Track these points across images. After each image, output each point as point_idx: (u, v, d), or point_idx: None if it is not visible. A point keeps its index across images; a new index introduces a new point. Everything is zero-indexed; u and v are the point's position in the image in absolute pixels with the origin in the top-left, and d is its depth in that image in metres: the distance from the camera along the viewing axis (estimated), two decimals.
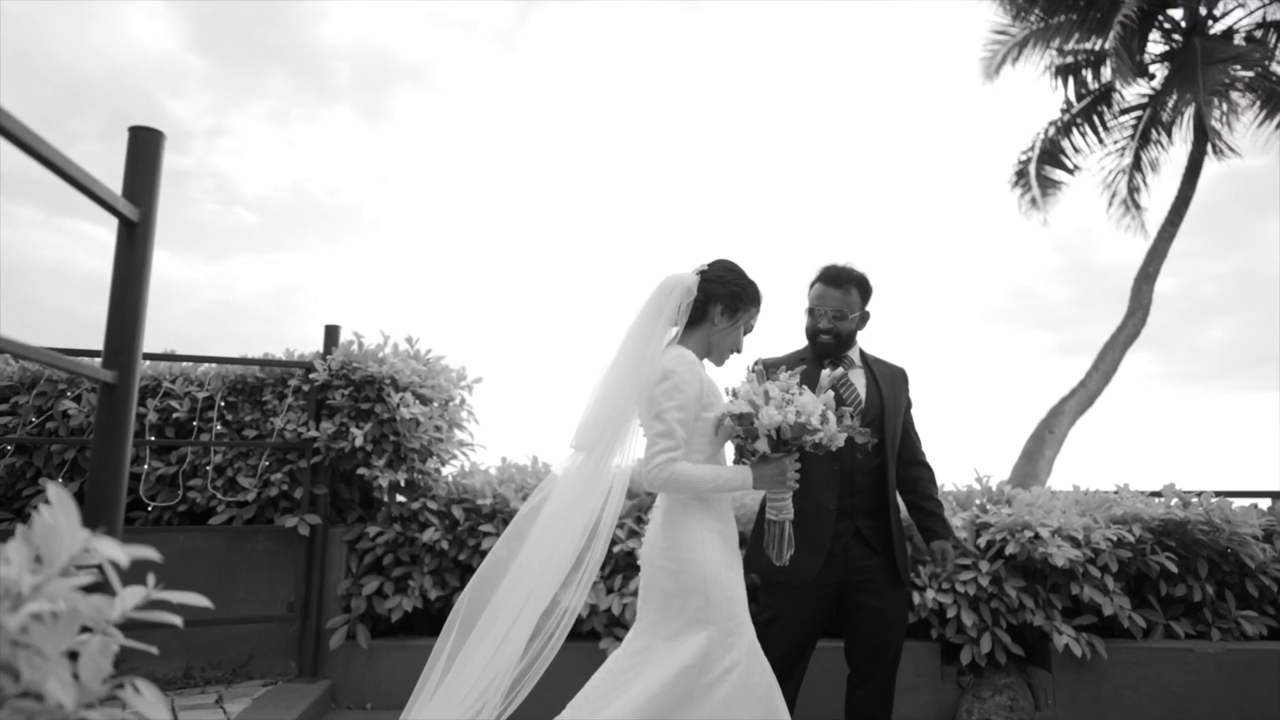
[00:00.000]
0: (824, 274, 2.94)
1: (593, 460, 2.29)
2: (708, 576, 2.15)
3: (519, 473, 4.36)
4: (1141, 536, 4.09)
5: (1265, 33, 13.81)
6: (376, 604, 3.95)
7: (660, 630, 2.19)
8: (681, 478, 2.14)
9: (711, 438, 2.26)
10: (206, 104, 37.36)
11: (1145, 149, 15.41)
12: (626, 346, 2.30)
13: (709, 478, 2.17)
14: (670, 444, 2.15)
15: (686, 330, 2.34)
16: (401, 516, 4.07)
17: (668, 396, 2.17)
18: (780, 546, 2.30)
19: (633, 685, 2.12)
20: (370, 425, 4.01)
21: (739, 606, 2.18)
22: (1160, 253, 13.76)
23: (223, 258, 40.00)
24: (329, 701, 3.80)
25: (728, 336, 2.39)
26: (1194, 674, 3.89)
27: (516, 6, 38.42)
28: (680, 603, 2.15)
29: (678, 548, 2.19)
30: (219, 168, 36.33)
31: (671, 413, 2.16)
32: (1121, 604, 3.94)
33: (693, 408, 2.20)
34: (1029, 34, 14.66)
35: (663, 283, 2.35)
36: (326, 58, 36.21)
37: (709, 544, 2.19)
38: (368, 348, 4.23)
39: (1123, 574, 4.09)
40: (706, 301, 2.34)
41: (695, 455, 2.23)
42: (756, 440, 2.18)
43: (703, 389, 2.24)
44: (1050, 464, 11.77)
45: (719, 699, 2.06)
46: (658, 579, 2.22)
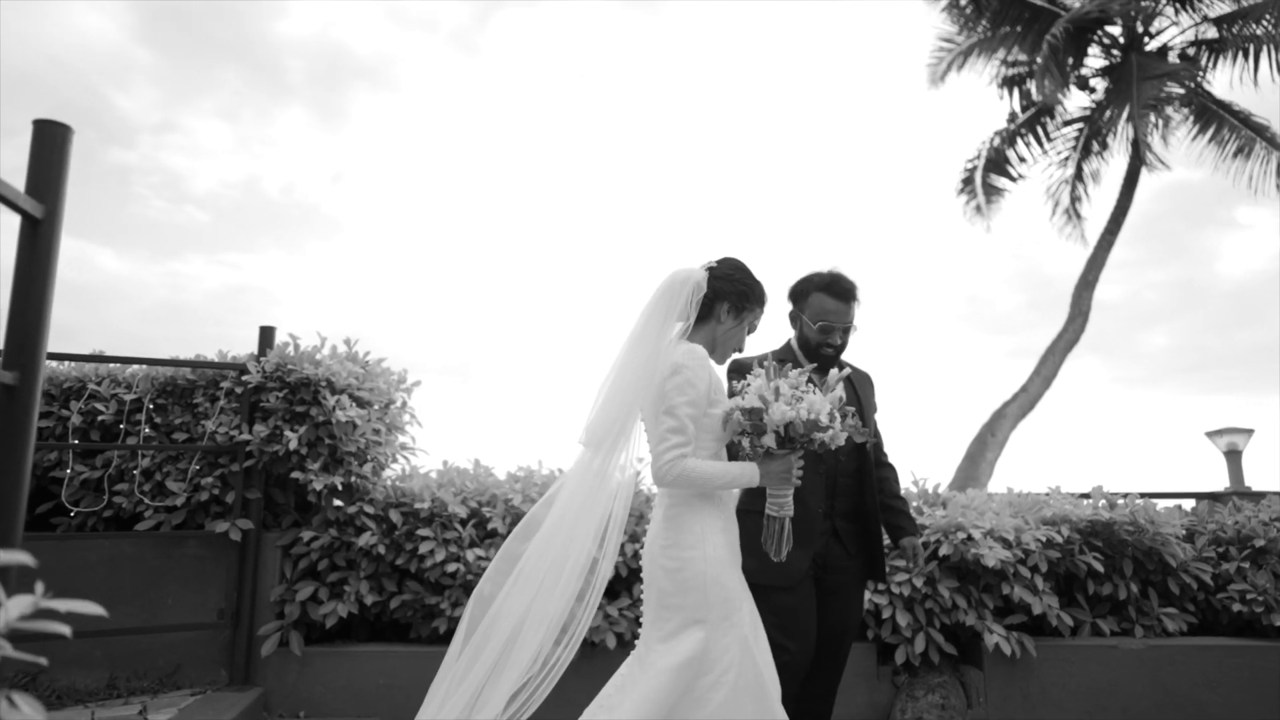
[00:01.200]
0: (831, 288, 2.87)
1: (601, 457, 2.26)
2: (707, 575, 2.13)
3: (459, 476, 4.31)
4: (1070, 537, 4.20)
5: (1198, 50, 14.33)
6: (311, 610, 3.88)
7: (655, 631, 2.18)
8: (692, 474, 2.13)
9: (718, 434, 2.26)
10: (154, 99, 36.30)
11: (1086, 160, 15.90)
12: (637, 341, 2.27)
13: (718, 474, 2.17)
14: (682, 439, 2.14)
15: (693, 327, 2.34)
16: (338, 521, 4.00)
17: (679, 391, 2.16)
18: (779, 543, 2.30)
19: (633, 689, 2.10)
20: (305, 428, 3.93)
21: (735, 606, 2.16)
22: (1099, 261, 14.19)
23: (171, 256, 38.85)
24: (260, 710, 3.72)
25: (732, 334, 2.39)
26: (1117, 670, 4.01)
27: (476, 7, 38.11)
28: (677, 601, 2.14)
29: (678, 545, 2.18)
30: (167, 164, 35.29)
31: (683, 408, 2.15)
32: (1050, 603, 4.05)
33: (702, 403, 2.19)
34: (974, 44, 15.02)
35: (671, 277, 2.33)
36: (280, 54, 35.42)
37: (710, 541, 2.18)
38: (304, 349, 4.15)
39: (1052, 574, 4.20)
40: (714, 299, 2.34)
41: (701, 451, 2.22)
42: (764, 436, 2.17)
43: (711, 385, 2.23)
44: (992, 466, 12.05)
45: (720, 700, 2.05)
46: (656, 578, 2.21)
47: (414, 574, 4.00)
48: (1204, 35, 14.31)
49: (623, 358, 2.28)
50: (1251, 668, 4.04)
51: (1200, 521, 4.68)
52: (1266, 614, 4.14)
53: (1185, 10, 14.20)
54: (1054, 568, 4.19)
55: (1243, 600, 4.21)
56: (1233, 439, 9.98)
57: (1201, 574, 4.30)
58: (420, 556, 3.92)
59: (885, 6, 38.62)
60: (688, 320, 2.32)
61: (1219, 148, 14.73)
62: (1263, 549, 4.37)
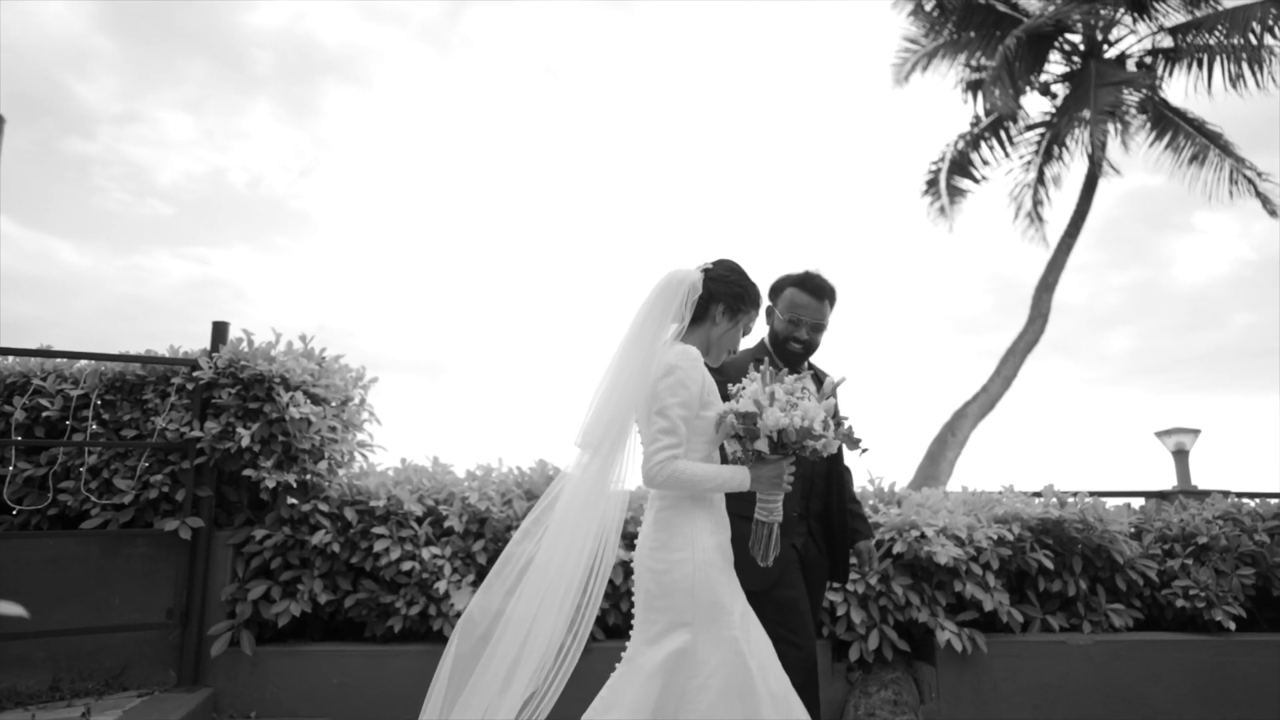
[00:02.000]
0: (804, 283, 2.88)
1: (599, 461, 2.24)
2: (694, 578, 2.12)
3: (416, 474, 4.28)
4: (1021, 535, 4.28)
5: (1155, 59, 14.66)
6: (263, 609, 3.82)
7: (642, 634, 2.17)
8: (682, 475, 2.12)
9: (710, 437, 2.24)
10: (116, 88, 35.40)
11: (1048, 165, 16.19)
12: (632, 343, 2.26)
13: (709, 476, 2.15)
14: (673, 440, 2.13)
15: (686, 328, 2.33)
16: (291, 519, 3.94)
17: (672, 392, 2.14)
18: (766, 548, 2.28)
19: (624, 692, 2.09)
20: (259, 425, 3.87)
21: (724, 609, 2.15)
22: (1059, 264, 14.46)
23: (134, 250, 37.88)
24: (210, 711, 3.66)
25: (727, 336, 2.38)
26: (1066, 665, 4.10)
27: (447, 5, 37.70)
28: (663, 604, 2.13)
29: (667, 548, 2.17)
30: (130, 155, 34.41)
31: (675, 409, 2.14)
32: (1001, 600, 4.12)
33: (695, 405, 2.18)
34: (938, 46, 15.23)
35: (667, 278, 2.32)
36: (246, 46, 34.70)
37: (700, 544, 2.16)
38: (258, 346, 4.09)
39: (1004, 571, 4.28)
40: (709, 300, 2.33)
41: (692, 454, 2.21)
42: (756, 440, 2.17)
43: (704, 387, 2.22)
44: (952, 466, 12.24)
45: (708, 703, 2.04)
46: (644, 580, 2.20)
47: (369, 572, 3.97)
48: (1160, 44, 14.65)
49: (618, 360, 2.27)
50: (1193, 661, 4.15)
51: (1148, 520, 4.80)
52: (1208, 609, 4.26)
53: (1143, 19, 14.52)
54: (1005, 565, 4.26)
55: (1186, 596, 4.32)
56: (1180, 439, 10.24)
57: (1147, 571, 4.40)
58: (375, 555, 3.88)
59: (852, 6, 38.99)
60: (682, 322, 2.31)
61: (1175, 154, 15.09)
62: (1205, 546, 4.49)
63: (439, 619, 3.83)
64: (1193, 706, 4.08)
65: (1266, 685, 4.15)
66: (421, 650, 3.85)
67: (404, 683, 3.81)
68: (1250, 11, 12.56)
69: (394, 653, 3.86)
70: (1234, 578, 4.38)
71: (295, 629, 4.05)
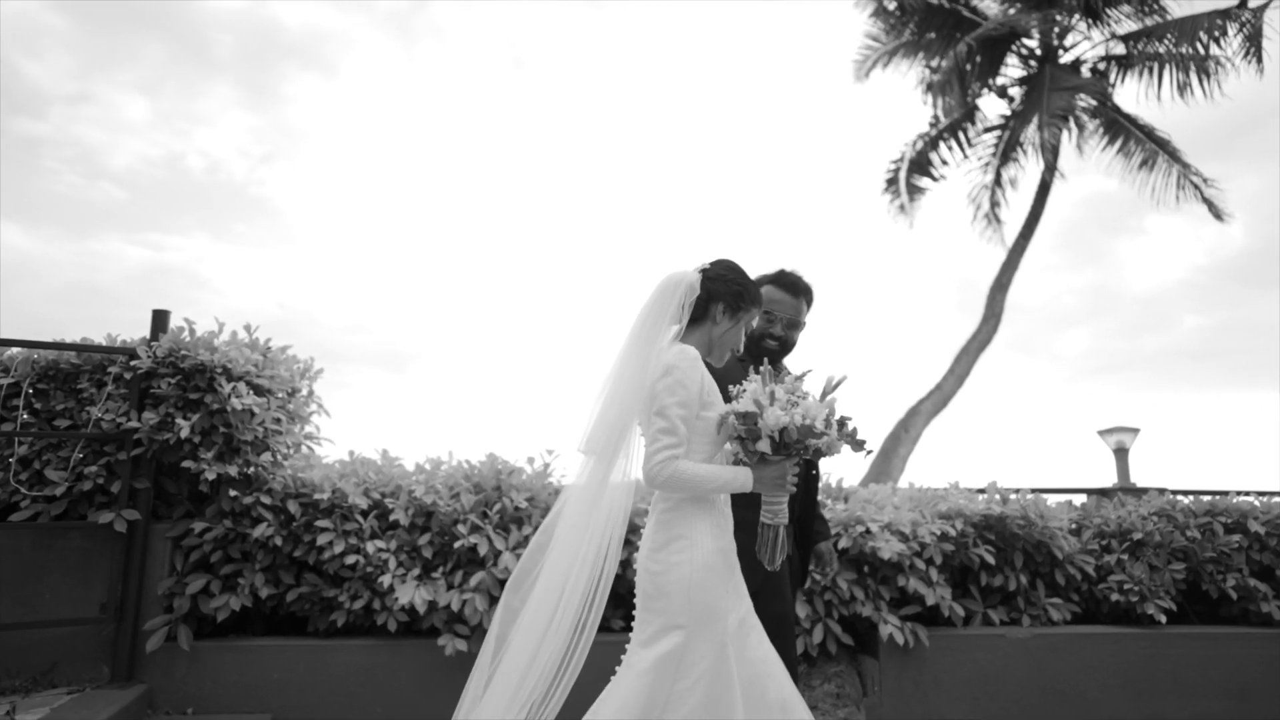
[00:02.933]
0: (779, 279, 2.89)
1: (604, 466, 2.23)
2: (690, 580, 2.11)
3: (363, 467, 4.23)
4: (964, 530, 4.36)
5: (1108, 65, 14.99)
6: (202, 604, 3.74)
7: (638, 635, 2.17)
8: (683, 476, 2.11)
9: (711, 437, 2.22)
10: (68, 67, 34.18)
11: (1005, 167, 16.49)
12: (631, 346, 2.25)
13: (710, 477, 2.14)
14: (673, 440, 2.11)
15: (687, 329, 2.32)
16: (233, 512, 3.86)
17: (670, 392, 2.13)
18: (773, 551, 2.25)
19: (613, 695, 2.09)
20: (199, 416, 3.78)
21: (719, 613, 2.13)
22: (1012, 264, 14.75)
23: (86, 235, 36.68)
24: (144, 708, 3.58)
25: (729, 336, 2.37)
26: (1005, 657, 4.18)
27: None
28: (659, 605, 2.12)
29: (666, 549, 2.16)
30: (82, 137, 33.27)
31: (674, 409, 2.12)
32: (943, 594, 4.19)
33: (694, 405, 2.16)
34: (899, 45, 15.41)
35: (665, 280, 2.31)
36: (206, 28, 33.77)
37: (700, 547, 2.15)
38: (200, 335, 4.00)
39: (947, 565, 4.35)
40: (709, 300, 2.32)
41: (694, 455, 2.19)
42: (758, 441, 2.15)
43: (704, 387, 2.20)
44: (904, 462, 12.44)
45: (693, 705, 2.03)
46: (643, 581, 2.19)
47: (312, 566, 3.91)
48: (1113, 51, 14.99)
49: (618, 364, 2.26)
50: (1125, 654, 4.26)
51: (1087, 516, 4.92)
52: (1141, 603, 4.38)
53: (1096, 26, 14.84)
54: (949, 560, 4.34)
55: (1120, 590, 4.44)
56: (1121, 438, 10.54)
57: (1085, 566, 4.52)
58: (319, 548, 3.82)
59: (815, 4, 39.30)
60: (681, 323, 2.31)
61: (1126, 159, 15.48)
62: (1140, 542, 4.62)
63: (383, 613, 3.78)
64: (1123, 697, 4.20)
65: (1193, 676, 4.28)
66: (365, 645, 3.81)
67: (346, 677, 3.76)
68: (1198, 22, 12.90)
69: (337, 647, 3.81)
70: (1166, 572, 4.52)
71: (235, 624, 3.97)
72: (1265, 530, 4.66)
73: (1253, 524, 4.64)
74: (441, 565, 3.92)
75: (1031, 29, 14.62)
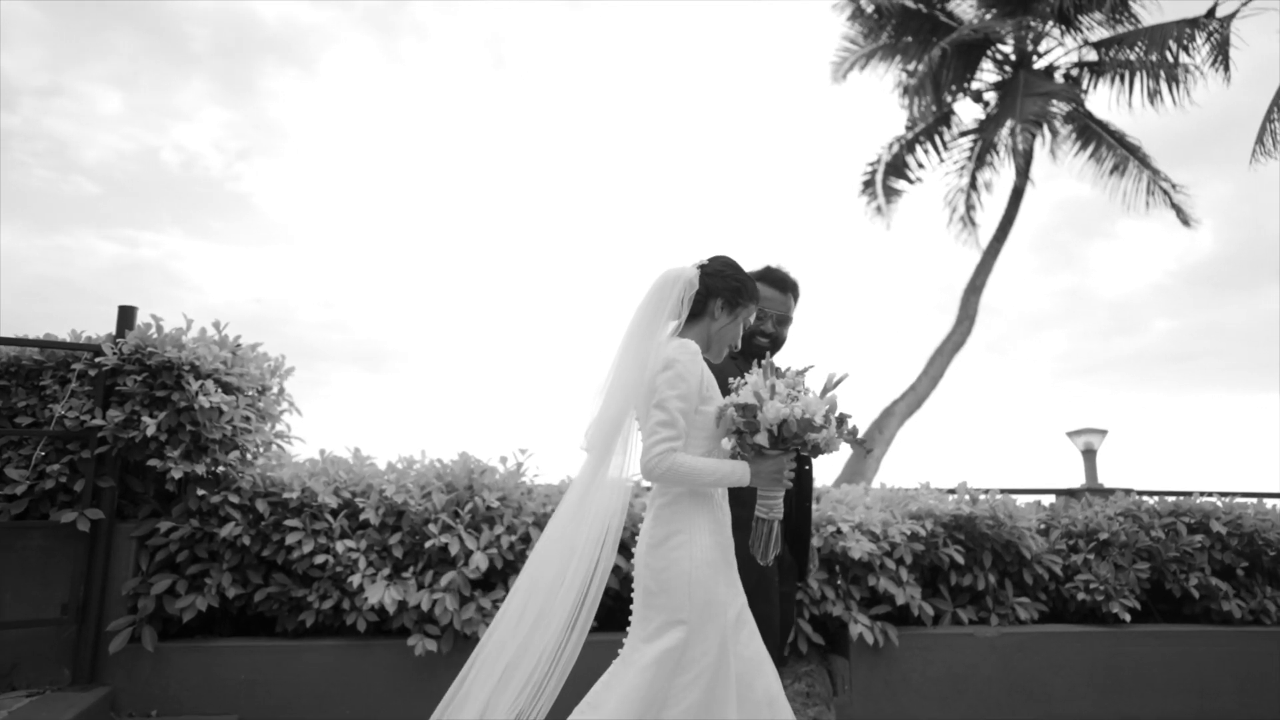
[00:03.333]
0: (767, 275, 2.91)
1: (601, 460, 2.25)
2: (691, 576, 2.12)
3: (334, 466, 4.19)
4: (934, 530, 4.40)
5: (1080, 72, 15.20)
6: (168, 604, 3.69)
7: (639, 630, 2.17)
8: (681, 468, 2.11)
9: (709, 432, 2.24)
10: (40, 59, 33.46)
11: (980, 170, 16.67)
12: (629, 341, 2.26)
13: (708, 470, 2.15)
14: (671, 433, 2.12)
15: (685, 325, 2.32)
16: (200, 511, 3.82)
17: (670, 385, 2.14)
18: (766, 546, 2.26)
19: (614, 690, 2.08)
20: (166, 414, 3.73)
21: (719, 608, 2.14)
22: (986, 267, 14.92)
23: (57, 229, 35.93)
24: (106, 710, 3.52)
25: (727, 331, 2.38)
26: (973, 656, 4.23)
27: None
28: (661, 601, 2.13)
29: (665, 545, 2.17)
30: (54, 130, 32.56)
31: (673, 402, 2.13)
32: (913, 594, 4.23)
33: (693, 399, 2.17)
34: (876, 48, 15.54)
35: (663, 276, 2.32)
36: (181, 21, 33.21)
37: (698, 542, 2.16)
38: (167, 331, 3.94)
39: (917, 565, 4.39)
40: (707, 296, 2.33)
41: (692, 449, 2.20)
42: (757, 434, 2.15)
43: (704, 381, 2.21)
44: (878, 462, 12.55)
45: (693, 701, 2.04)
46: (643, 576, 2.20)
47: (280, 566, 3.87)
48: (1086, 58, 15.20)
49: (618, 359, 2.28)
50: (1090, 652, 4.33)
51: (1055, 516, 4.98)
52: (1106, 602, 4.44)
53: (1069, 33, 15.04)
54: (919, 560, 4.38)
55: (1087, 590, 4.50)
56: (1089, 439, 10.74)
57: (1053, 565, 4.58)
58: (288, 548, 3.78)
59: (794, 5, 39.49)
60: (680, 319, 2.31)
61: (1098, 164, 15.71)
62: (1106, 542, 4.69)
63: (352, 613, 3.75)
64: (1088, 695, 4.26)
65: (1155, 674, 4.36)
66: (334, 645, 3.78)
67: (315, 678, 3.72)
68: (1167, 30, 13.12)
69: (305, 648, 3.77)
70: (1131, 572, 4.59)
71: (202, 624, 3.92)
72: (1227, 530, 4.75)
73: (1215, 524, 4.72)
74: (412, 565, 3.89)
75: (1006, 35, 14.80)
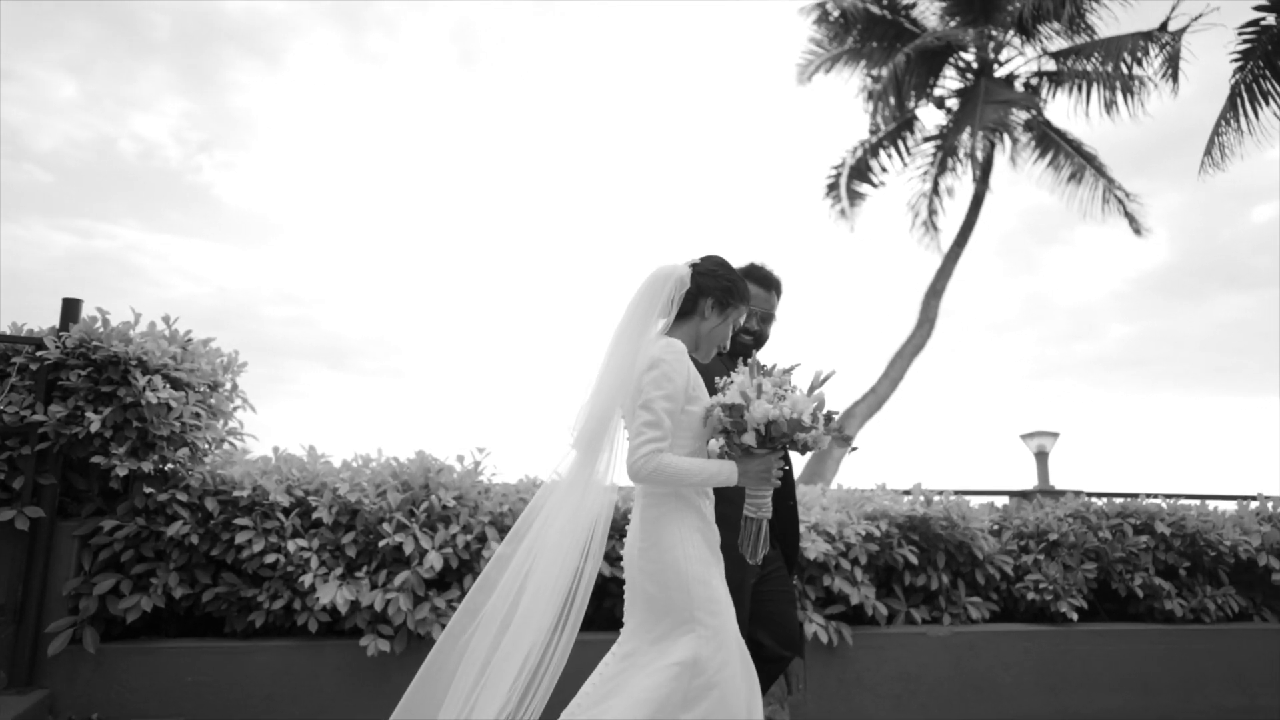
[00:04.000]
0: (750, 273, 2.92)
1: (588, 460, 2.23)
2: (689, 574, 2.11)
3: (287, 464, 4.12)
4: (889, 531, 4.45)
5: (1040, 81, 15.51)
6: (111, 604, 3.60)
7: (644, 634, 2.14)
8: (667, 469, 2.09)
9: (696, 432, 2.22)
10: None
11: (942, 176, 16.92)
12: (618, 340, 2.24)
13: (695, 470, 2.13)
14: (658, 434, 2.10)
15: (674, 323, 2.30)
16: (146, 509, 3.73)
17: (656, 385, 2.12)
18: (755, 545, 2.25)
19: (622, 691, 2.06)
20: (111, 410, 3.64)
21: (723, 605, 2.14)
22: (946, 272, 15.15)
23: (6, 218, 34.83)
24: (44, 714, 3.42)
25: (717, 331, 2.36)
26: (926, 655, 4.29)
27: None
28: (664, 605, 2.11)
29: (657, 547, 2.15)
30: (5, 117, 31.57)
31: (659, 402, 2.11)
32: (868, 594, 4.28)
33: (680, 399, 2.15)
34: (842, 52, 15.70)
35: (654, 274, 2.30)
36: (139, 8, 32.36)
37: (689, 541, 2.15)
38: (114, 325, 3.84)
39: (872, 565, 4.44)
40: (698, 295, 2.31)
41: (679, 449, 2.18)
42: (744, 433, 2.13)
43: (690, 380, 2.19)
44: (838, 464, 12.66)
45: (713, 701, 2.03)
46: (639, 581, 2.18)
47: (230, 565, 3.79)
48: (1045, 68, 15.50)
49: (607, 357, 2.25)
50: (1039, 650, 4.42)
51: (1007, 517, 5.08)
52: (1055, 601, 4.54)
53: (1029, 43, 15.33)
54: (874, 560, 4.43)
55: (1036, 589, 4.59)
56: (1041, 441, 10.98)
57: (1004, 566, 4.66)
58: (238, 547, 3.71)
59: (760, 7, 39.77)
60: (669, 317, 2.30)
61: (1056, 172, 16.03)
62: (1055, 542, 4.78)
63: (304, 613, 3.69)
64: (1036, 692, 4.35)
65: (1100, 671, 4.46)
66: (284, 646, 3.71)
67: (264, 680, 3.66)
68: (1122, 42, 13.43)
69: (255, 649, 3.70)
70: (1079, 572, 4.69)
71: (148, 625, 3.84)
72: (1170, 531, 4.87)
73: (1159, 525, 4.84)
74: (366, 564, 3.84)
75: (968, 43, 15.03)
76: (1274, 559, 4.95)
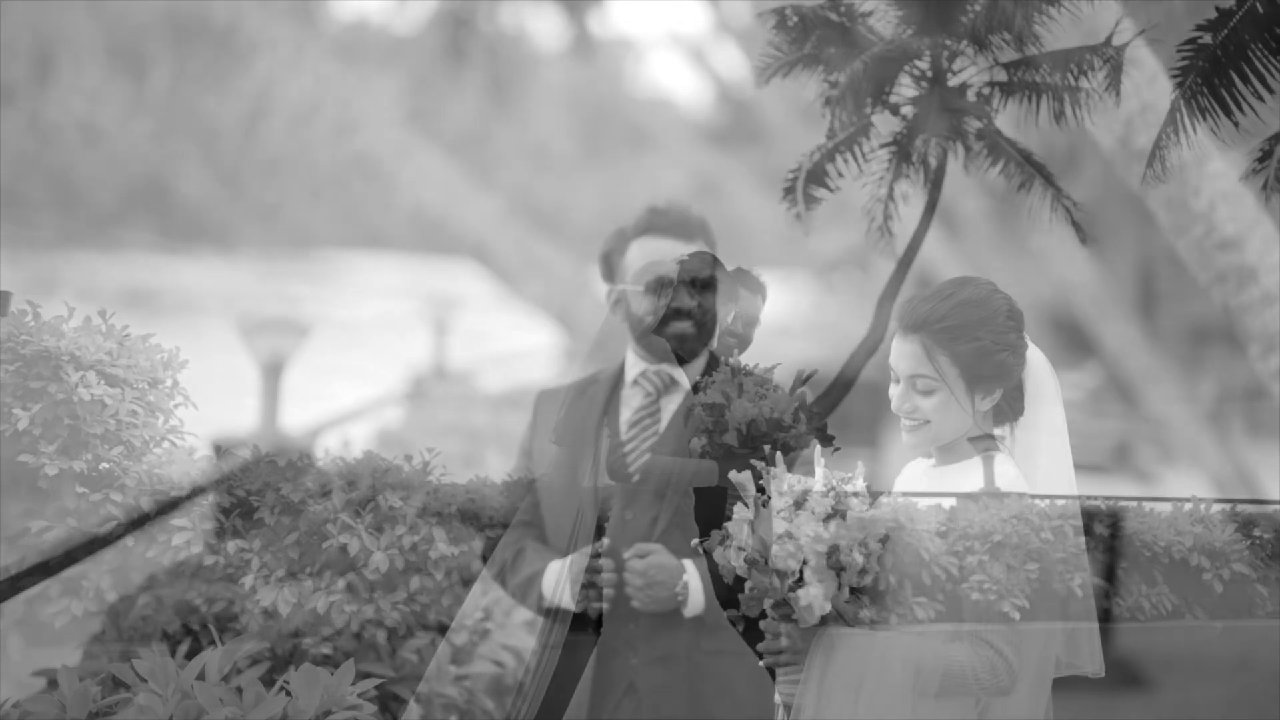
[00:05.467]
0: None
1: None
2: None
3: (229, 462, 4.03)
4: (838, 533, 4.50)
5: (992, 91, 15.86)
6: (39, 609, 3.50)
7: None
8: (653, 469, 2.08)
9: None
10: None
11: (897, 182, 17.17)
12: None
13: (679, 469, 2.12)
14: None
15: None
16: (79, 510, 3.62)
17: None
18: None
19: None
20: (41, 406, 3.52)
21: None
22: (899, 278, 15.41)
23: None
24: None
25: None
26: None
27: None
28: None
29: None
30: None
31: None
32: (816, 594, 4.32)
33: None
34: (800, 57, 15.89)
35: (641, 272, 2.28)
36: None
37: None
38: (46, 319, 3.72)
39: None
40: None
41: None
42: (725, 434, 2.10)
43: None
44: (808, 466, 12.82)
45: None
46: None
47: (167, 567, 3.71)
48: (997, 78, 15.86)
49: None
50: None
51: (954, 519, 5.16)
52: (998, 601, 4.63)
53: (982, 53, 15.68)
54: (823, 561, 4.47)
55: (980, 590, 4.67)
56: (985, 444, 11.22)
57: (950, 566, 4.73)
58: (174, 548, 3.63)
59: None
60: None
61: (1007, 180, 16.38)
62: (1000, 543, 4.87)
63: (243, 615, 3.63)
64: None
65: None
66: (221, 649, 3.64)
67: None
68: (1069, 55, 13.76)
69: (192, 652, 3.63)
70: (1021, 572, 4.79)
71: (85, 631, 3.74)
72: (1108, 533, 5.01)
73: (1098, 526, 4.97)
74: (310, 566, 3.78)
75: (923, 52, 15.32)
76: (1204, 559, 5.12)
